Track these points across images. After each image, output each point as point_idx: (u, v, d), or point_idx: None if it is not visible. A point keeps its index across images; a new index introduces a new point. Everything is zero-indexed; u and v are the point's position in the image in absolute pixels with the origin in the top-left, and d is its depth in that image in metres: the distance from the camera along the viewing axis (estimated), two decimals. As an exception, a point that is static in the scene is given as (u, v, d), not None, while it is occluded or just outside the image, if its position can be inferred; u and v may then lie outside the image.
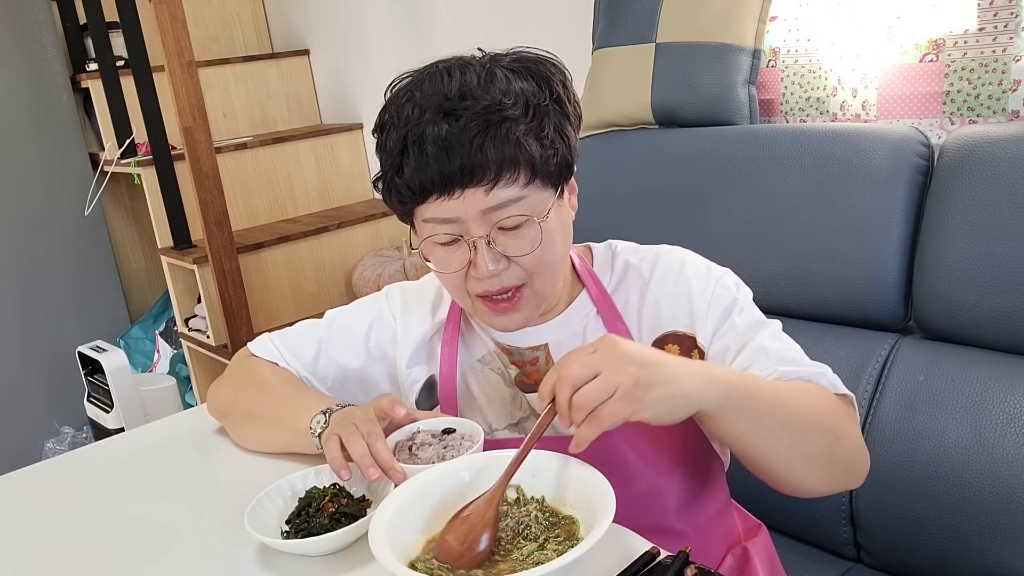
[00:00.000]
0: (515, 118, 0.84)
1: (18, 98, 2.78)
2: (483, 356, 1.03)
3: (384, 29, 2.71)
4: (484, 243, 0.86)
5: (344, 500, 0.86)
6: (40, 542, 0.94)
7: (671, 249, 1.00)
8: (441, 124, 0.83)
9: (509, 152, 0.83)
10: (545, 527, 0.77)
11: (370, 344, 1.08)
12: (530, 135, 0.84)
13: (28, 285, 2.84)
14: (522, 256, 0.88)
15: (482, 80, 0.85)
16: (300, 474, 0.91)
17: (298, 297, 2.70)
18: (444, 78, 0.86)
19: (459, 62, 0.88)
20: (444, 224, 0.87)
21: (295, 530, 0.84)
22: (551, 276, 0.92)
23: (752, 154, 1.45)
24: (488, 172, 0.83)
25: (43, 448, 2.86)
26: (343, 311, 1.12)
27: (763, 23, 1.58)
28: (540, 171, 0.86)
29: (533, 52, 0.91)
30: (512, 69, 0.87)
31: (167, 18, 2.20)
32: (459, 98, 0.84)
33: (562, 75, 0.91)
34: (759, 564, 1.02)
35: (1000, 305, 1.16)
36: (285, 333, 1.12)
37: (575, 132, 0.91)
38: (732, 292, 0.95)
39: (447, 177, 0.83)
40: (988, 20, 1.36)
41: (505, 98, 0.84)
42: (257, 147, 2.82)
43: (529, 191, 0.86)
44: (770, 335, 0.92)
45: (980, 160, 1.19)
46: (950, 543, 1.15)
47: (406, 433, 0.92)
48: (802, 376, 0.88)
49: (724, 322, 0.93)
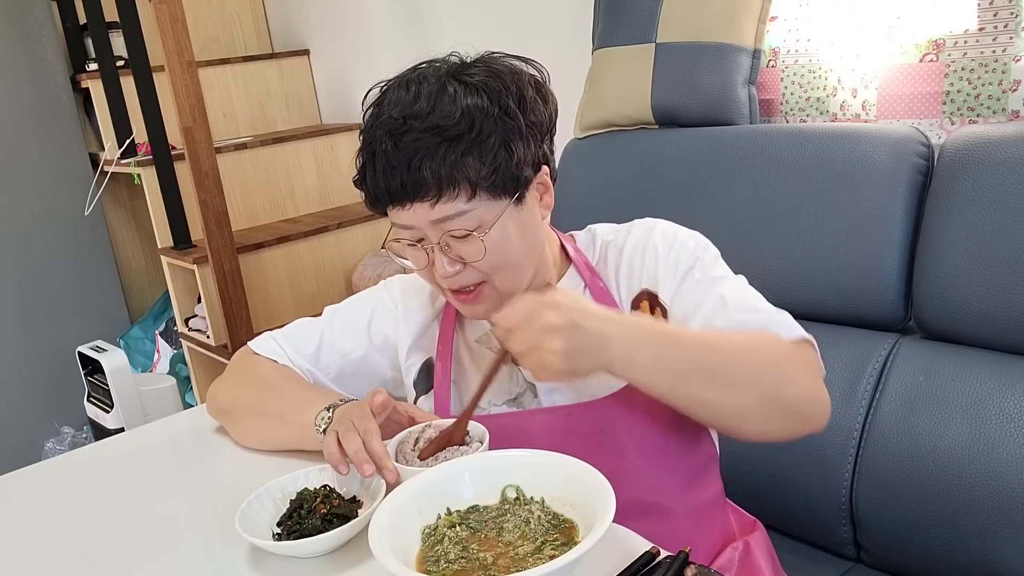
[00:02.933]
0: (455, 138, 0.87)
1: (18, 98, 2.78)
2: (480, 336, 1.06)
3: (384, 29, 2.71)
4: (439, 249, 0.92)
5: (336, 501, 0.86)
6: (40, 542, 0.94)
7: (643, 220, 1.05)
8: (388, 142, 0.89)
9: (446, 173, 0.88)
10: (545, 528, 0.77)
11: (372, 332, 1.10)
12: (469, 155, 0.88)
13: (28, 285, 2.84)
14: (475, 261, 0.92)
15: (432, 99, 0.89)
16: (290, 476, 0.91)
17: (298, 297, 2.70)
18: (400, 94, 0.91)
19: (418, 76, 0.92)
20: (404, 230, 0.94)
21: (287, 532, 0.84)
22: (512, 275, 0.96)
23: (752, 154, 1.45)
24: (429, 190, 0.88)
25: (43, 448, 2.86)
26: (343, 305, 1.15)
27: (763, 23, 1.58)
28: (481, 186, 0.89)
29: (497, 60, 0.95)
30: (467, 83, 0.90)
31: (167, 18, 2.20)
32: (404, 119, 0.89)
33: (519, 85, 0.93)
34: (761, 558, 1.02)
35: (1000, 305, 1.16)
36: (285, 330, 1.14)
37: (528, 142, 0.93)
38: (693, 252, 0.98)
39: (393, 192, 0.90)
40: (988, 20, 1.36)
41: (444, 120, 0.88)
42: (257, 147, 2.82)
43: (475, 204, 0.90)
44: (730, 286, 0.95)
45: (980, 160, 1.19)
46: (950, 543, 1.15)
47: (417, 431, 0.92)
48: (759, 324, 0.91)
49: (685, 279, 0.97)
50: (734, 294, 0.94)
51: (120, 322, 3.08)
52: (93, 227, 2.96)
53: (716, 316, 0.92)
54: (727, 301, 0.93)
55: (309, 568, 0.82)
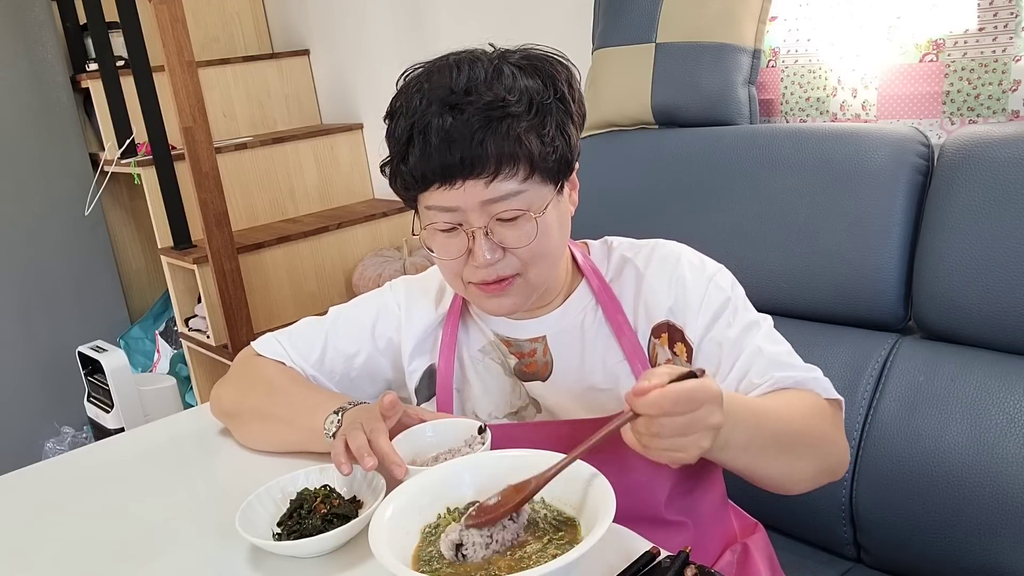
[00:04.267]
0: (517, 115, 0.85)
1: (18, 98, 2.78)
2: (483, 346, 1.05)
3: (384, 29, 2.71)
4: (482, 233, 0.88)
5: (336, 501, 0.86)
6: (40, 542, 0.94)
7: (666, 242, 1.02)
8: (446, 116, 0.85)
9: (509, 147, 0.85)
10: (553, 526, 0.77)
11: (376, 334, 1.09)
12: (531, 132, 0.86)
13: (28, 285, 2.84)
14: (518, 248, 0.90)
15: (488, 76, 0.86)
16: (290, 476, 0.91)
17: (298, 297, 2.70)
18: (453, 71, 0.87)
19: (469, 56, 0.89)
20: (445, 212, 0.89)
21: (287, 532, 0.84)
22: (546, 268, 0.94)
23: (752, 154, 1.45)
24: (488, 165, 0.85)
25: (43, 448, 2.86)
26: (347, 306, 1.13)
27: (763, 23, 1.58)
28: (539, 167, 0.88)
29: (542, 50, 0.93)
30: (519, 66, 0.89)
31: (167, 18, 2.20)
32: (464, 92, 0.85)
33: (568, 73, 0.92)
34: (759, 560, 1.02)
35: (1000, 305, 1.16)
36: (290, 331, 1.13)
37: (577, 131, 0.93)
38: (726, 292, 0.96)
39: (448, 168, 0.85)
40: (988, 20, 1.36)
41: (509, 95, 0.85)
42: (257, 147, 2.82)
43: (528, 186, 0.88)
44: (764, 337, 0.94)
45: (980, 160, 1.19)
46: (950, 543, 1.15)
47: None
48: (796, 382, 0.90)
49: (716, 322, 0.95)
50: (769, 347, 0.93)
51: (120, 322, 3.08)
52: (93, 227, 2.96)
53: (753, 370, 0.91)
54: (765, 354, 0.92)
55: (309, 568, 0.82)
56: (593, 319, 1.00)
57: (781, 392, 0.89)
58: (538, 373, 1.02)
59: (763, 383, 0.90)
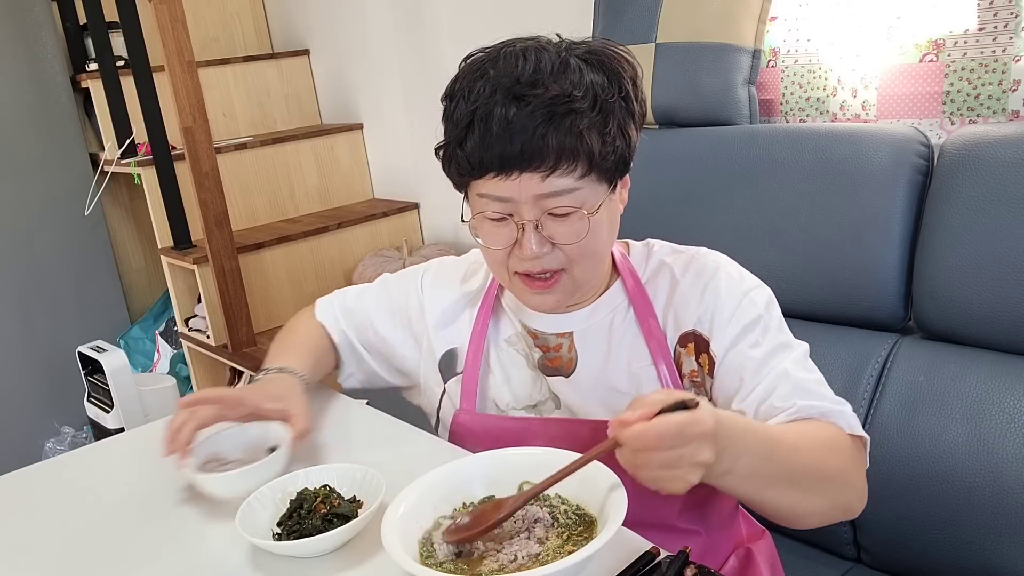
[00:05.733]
0: (581, 111, 0.84)
1: (18, 98, 2.78)
2: (509, 336, 1.05)
3: (384, 29, 2.71)
4: (532, 227, 0.88)
5: (336, 501, 0.86)
6: (40, 542, 0.94)
7: (708, 252, 1.00)
8: (509, 106, 0.84)
9: (570, 143, 0.84)
10: (573, 522, 0.77)
11: (408, 315, 1.13)
12: (593, 129, 0.85)
13: (28, 285, 2.84)
14: (567, 244, 0.89)
15: (555, 68, 0.85)
16: (290, 476, 0.92)
17: (298, 297, 2.70)
18: (519, 60, 0.86)
19: (535, 45, 0.88)
20: (497, 202, 0.88)
21: (287, 532, 0.84)
22: (592, 266, 0.93)
23: (752, 154, 1.45)
24: (547, 159, 0.84)
25: (43, 448, 2.86)
26: (393, 279, 1.18)
27: (763, 23, 1.58)
28: (597, 166, 0.87)
29: (607, 45, 0.91)
30: (585, 60, 0.87)
31: (167, 18, 2.19)
32: (530, 84, 0.84)
33: (633, 71, 0.91)
34: (762, 564, 1.02)
35: (1000, 305, 1.16)
36: (350, 300, 1.19)
37: (637, 131, 0.92)
38: (759, 309, 0.93)
39: (507, 158, 0.85)
40: (988, 20, 1.36)
41: (575, 90, 0.84)
42: (257, 147, 2.82)
43: (584, 183, 0.87)
44: (794, 360, 0.90)
45: (980, 160, 1.19)
46: (950, 543, 1.15)
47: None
48: (822, 412, 0.86)
49: (744, 338, 0.92)
50: (797, 372, 0.89)
51: (120, 322, 3.08)
52: (93, 227, 2.96)
53: (776, 393, 0.87)
54: (791, 377, 0.88)
55: (309, 568, 0.82)
56: (623, 319, 0.99)
57: (802, 422, 0.85)
58: (562, 368, 1.01)
59: (786, 409, 0.86)
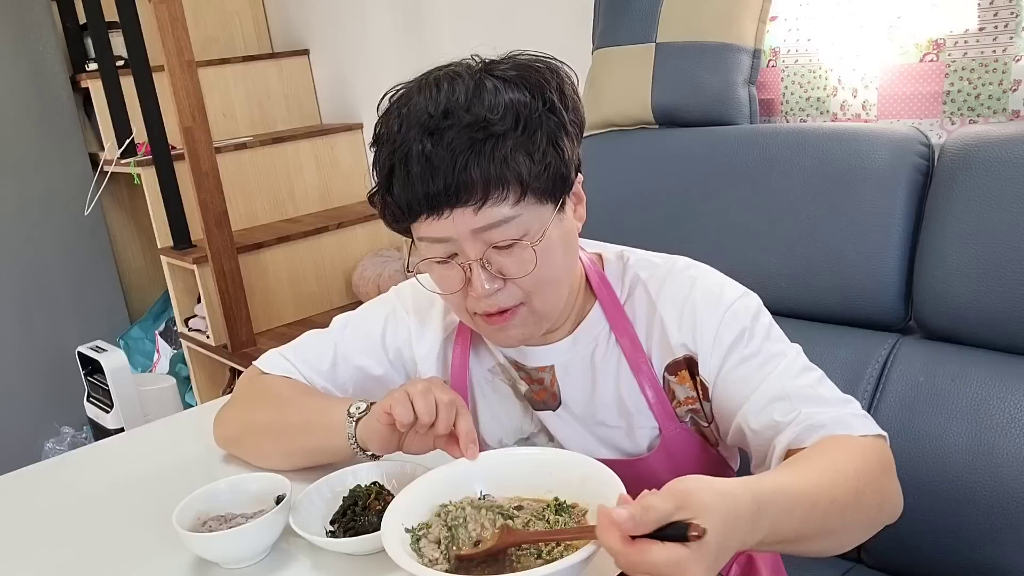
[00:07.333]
0: (502, 134, 0.79)
1: (18, 98, 2.78)
2: (492, 367, 1.01)
3: (384, 29, 2.71)
4: (479, 265, 0.82)
5: (388, 498, 0.86)
6: (40, 542, 0.94)
7: (686, 265, 0.95)
8: (425, 142, 0.79)
9: (495, 170, 0.79)
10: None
11: (387, 345, 1.04)
12: (519, 151, 0.80)
13: (28, 285, 2.84)
14: (519, 278, 0.84)
15: (469, 93, 0.80)
16: (338, 474, 0.91)
17: (298, 297, 2.70)
18: (432, 91, 0.81)
19: (449, 73, 0.83)
20: (437, 244, 0.84)
21: (343, 529, 0.85)
22: (552, 293, 0.88)
23: (752, 154, 1.45)
24: (475, 192, 0.79)
25: (43, 448, 2.86)
26: (354, 316, 1.07)
27: (763, 23, 1.58)
28: (532, 188, 0.81)
29: (530, 56, 0.86)
30: (504, 78, 0.82)
31: (167, 18, 2.20)
32: (443, 115, 0.79)
33: (559, 79, 0.85)
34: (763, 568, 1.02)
35: (1000, 305, 1.16)
36: (294, 345, 1.06)
37: (574, 141, 0.86)
38: (742, 322, 0.88)
39: (432, 197, 0.80)
40: (988, 20, 1.36)
41: (491, 113, 0.79)
42: (257, 147, 2.82)
43: (521, 209, 0.81)
44: (787, 369, 0.86)
45: (980, 160, 1.19)
46: (950, 543, 1.15)
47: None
48: (831, 418, 0.81)
49: (731, 355, 0.87)
50: (794, 382, 0.84)
51: (120, 322, 3.08)
52: (93, 227, 2.96)
53: (777, 408, 0.83)
54: (788, 390, 0.83)
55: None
56: (605, 349, 0.94)
57: (824, 451, 0.78)
58: (548, 402, 0.98)
59: (790, 422, 0.81)
